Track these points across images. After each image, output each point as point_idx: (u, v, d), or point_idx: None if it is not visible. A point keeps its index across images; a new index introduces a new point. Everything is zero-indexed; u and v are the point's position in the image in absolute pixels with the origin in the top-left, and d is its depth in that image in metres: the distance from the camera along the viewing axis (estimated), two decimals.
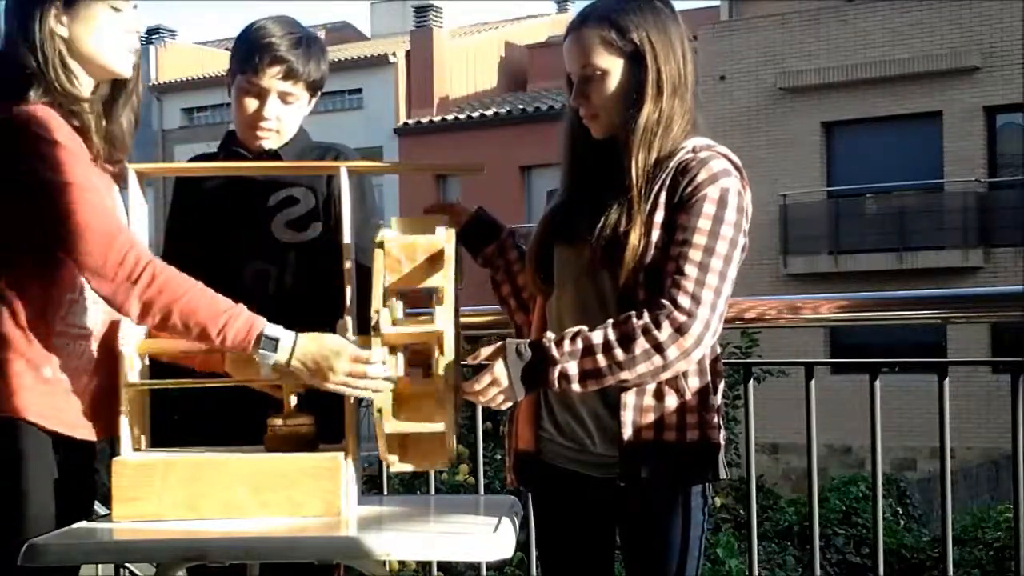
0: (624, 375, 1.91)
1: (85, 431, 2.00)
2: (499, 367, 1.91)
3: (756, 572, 2.66)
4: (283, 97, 2.37)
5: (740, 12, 19.24)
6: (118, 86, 2.11)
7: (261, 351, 1.88)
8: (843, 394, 9.26)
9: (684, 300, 1.90)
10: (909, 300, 2.84)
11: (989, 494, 13.19)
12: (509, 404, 1.96)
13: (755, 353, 7.82)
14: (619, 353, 1.89)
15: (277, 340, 1.89)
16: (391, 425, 1.90)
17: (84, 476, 2.04)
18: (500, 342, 1.95)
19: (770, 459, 14.88)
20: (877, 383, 2.55)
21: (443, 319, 1.90)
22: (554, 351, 1.90)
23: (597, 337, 1.90)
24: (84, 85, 2.03)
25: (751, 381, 2.68)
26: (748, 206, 2.00)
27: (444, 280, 1.93)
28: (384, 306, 1.90)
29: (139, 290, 1.86)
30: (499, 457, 6.66)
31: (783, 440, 13.52)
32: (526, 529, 2.40)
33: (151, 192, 2.24)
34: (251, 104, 2.37)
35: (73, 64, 2.01)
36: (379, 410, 1.89)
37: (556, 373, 1.90)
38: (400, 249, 1.94)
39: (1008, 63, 16.26)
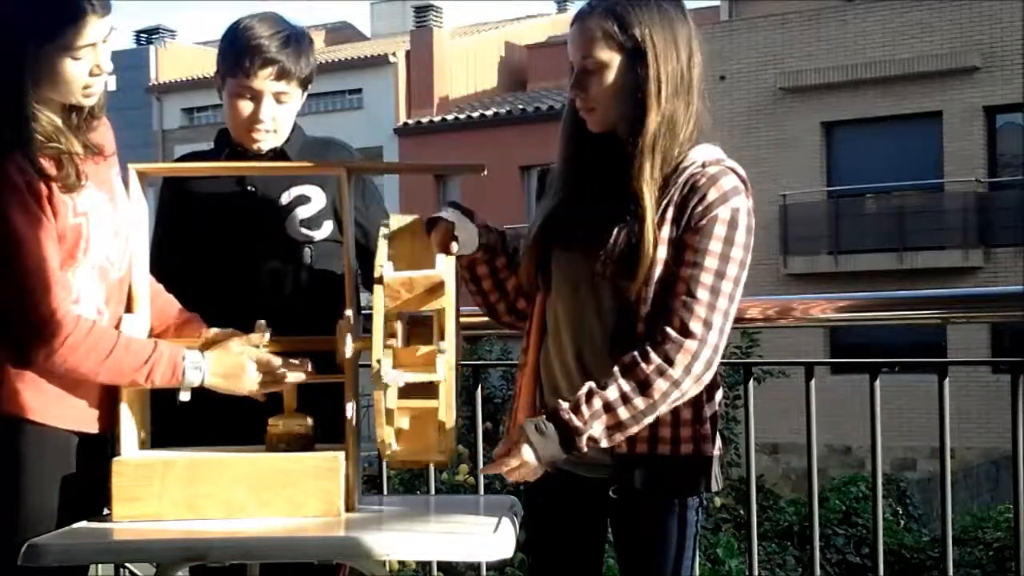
0: (647, 420, 1.93)
1: (95, 424, 2.01)
2: (526, 451, 1.91)
3: (756, 572, 2.66)
4: (277, 97, 2.35)
5: (740, 12, 19.24)
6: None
7: (186, 379, 1.97)
8: (843, 394, 9.26)
9: (696, 326, 1.90)
10: (909, 300, 2.84)
11: (989, 494, 13.19)
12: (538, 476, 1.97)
13: (755, 353, 7.81)
14: (639, 402, 1.90)
15: (197, 366, 1.99)
16: (393, 456, 1.90)
17: (100, 471, 2.01)
18: (520, 426, 1.95)
19: (770, 459, 14.87)
20: (877, 383, 2.55)
21: (442, 369, 1.89)
22: (576, 421, 1.89)
23: (612, 392, 1.90)
24: (53, 116, 1.98)
25: (751, 381, 2.68)
26: (754, 223, 1.99)
27: (445, 304, 1.92)
28: (386, 346, 1.90)
29: (64, 358, 1.90)
30: None
31: (783, 440, 13.51)
32: (526, 529, 2.39)
33: (151, 192, 2.24)
34: (246, 107, 2.35)
35: (41, 107, 1.96)
36: (382, 441, 1.89)
37: (584, 440, 1.90)
38: (400, 284, 1.92)
39: (1008, 63, 16.26)
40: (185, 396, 1.97)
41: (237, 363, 2.01)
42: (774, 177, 16.70)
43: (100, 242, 2.01)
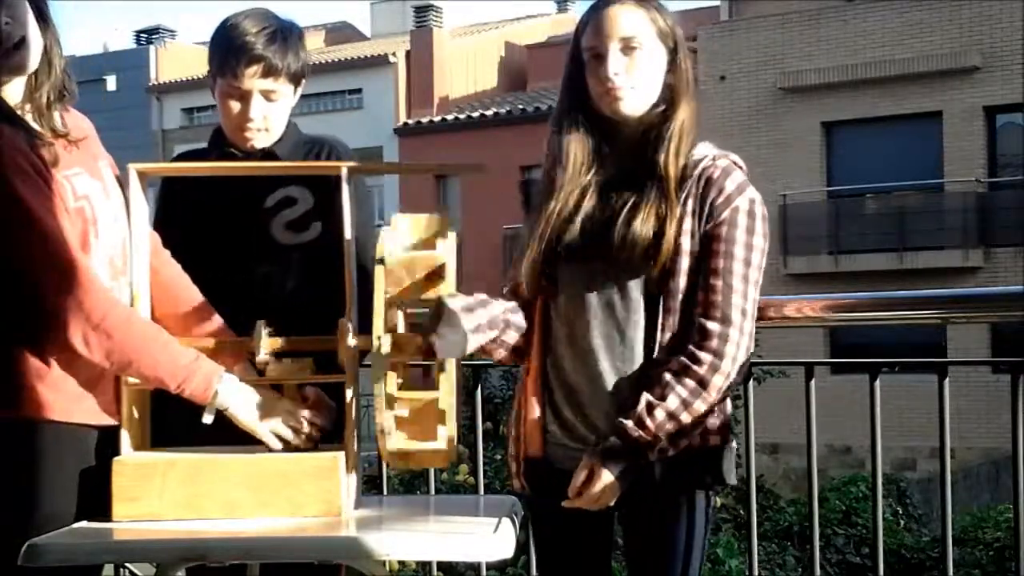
0: (704, 418, 1.97)
1: (115, 416, 2.00)
2: (606, 475, 1.94)
3: (756, 572, 2.66)
4: (266, 95, 2.32)
5: (740, 12, 19.25)
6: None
7: (217, 400, 1.94)
8: (843, 394, 9.26)
9: (736, 315, 1.95)
10: (909, 300, 2.83)
11: (989, 494, 13.19)
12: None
13: (755, 353, 7.81)
14: (700, 405, 1.94)
15: (231, 391, 1.96)
16: (393, 442, 1.90)
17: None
18: (588, 454, 1.96)
19: (770, 459, 14.88)
20: (877, 383, 2.55)
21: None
22: (645, 436, 1.92)
23: (672, 401, 1.92)
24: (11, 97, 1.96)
25: (751, 381, 2.68)
26: (767, 212, 2.03)
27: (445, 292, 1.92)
28: (389, 400, 1.89)
29: (102, 340, 1.87)
30: (499, 457, 6.66)
31: (783, 440, 13.51)
32: (526, 529, 2.39)
33: (150, 192, 2.23)
34: (235, 107, 2.33)
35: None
36: (382, 431, 1.88)
37: (656, 452, 1.95)
38: (400, 265, 1.92)
39: (1008, 63, 16.27)
40: (208, 418, 1.94)
41: (270, 403, 1.99)
42: (774, 177, 16.69)
43: (106, 228, 2.00)
